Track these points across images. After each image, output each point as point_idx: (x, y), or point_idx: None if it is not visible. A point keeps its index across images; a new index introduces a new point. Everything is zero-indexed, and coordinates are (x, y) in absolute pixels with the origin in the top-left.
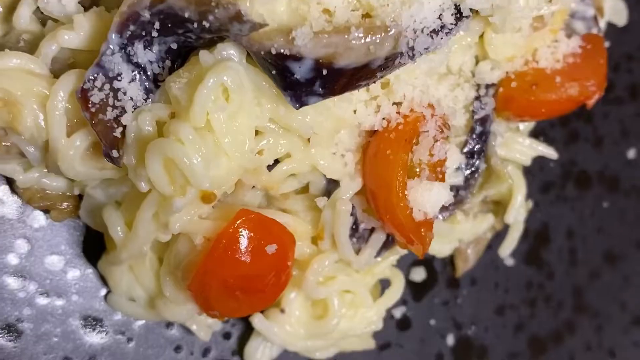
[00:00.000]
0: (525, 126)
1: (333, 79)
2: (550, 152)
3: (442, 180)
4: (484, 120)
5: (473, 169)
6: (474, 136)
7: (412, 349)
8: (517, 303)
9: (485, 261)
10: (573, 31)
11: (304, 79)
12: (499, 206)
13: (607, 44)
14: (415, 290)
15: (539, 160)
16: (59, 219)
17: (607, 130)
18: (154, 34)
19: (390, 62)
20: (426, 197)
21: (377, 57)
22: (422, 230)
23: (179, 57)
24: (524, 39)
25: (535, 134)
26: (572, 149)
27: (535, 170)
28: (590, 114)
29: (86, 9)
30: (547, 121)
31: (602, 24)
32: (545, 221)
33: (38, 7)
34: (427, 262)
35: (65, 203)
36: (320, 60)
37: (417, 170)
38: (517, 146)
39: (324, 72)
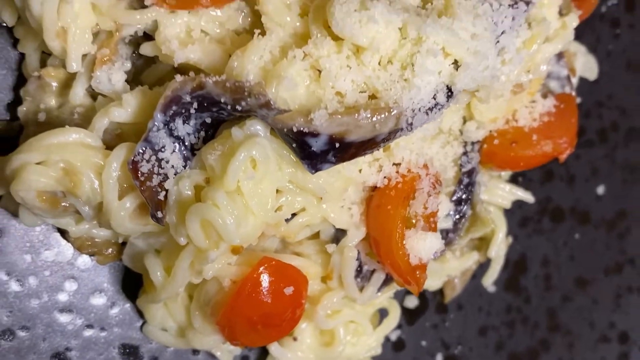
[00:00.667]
0: (507, 172)
1: (344, 150)
2: (527, 197)
3: (435, 229)
4: (470, 173)
5: (460, 215)
6: (462, 186)
7: None
8: (497, 325)
9: (470, 289)
10: (548, 90)
11: (320, 150)
12: (482, 242)
13: (579, 97)
14: (408, 316)
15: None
16: (103, 263)
17: (579, 170)
18: (192, 111)
19: (392, 135)
20: (421, 246)
21: (381, 132)
22: (418, 272)
23: (211, 128)
24: (505, 102)
25: (515, 174)
26: (547, 187)
27: (514, 207)
28: None
29: (129, 83)
30: None
31: (575, 80)
32: (523, 252)
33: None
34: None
35: (110, 249)
36: (334, 136)
37: (414, 221)
38: (499, 191)
39: (337, 145)
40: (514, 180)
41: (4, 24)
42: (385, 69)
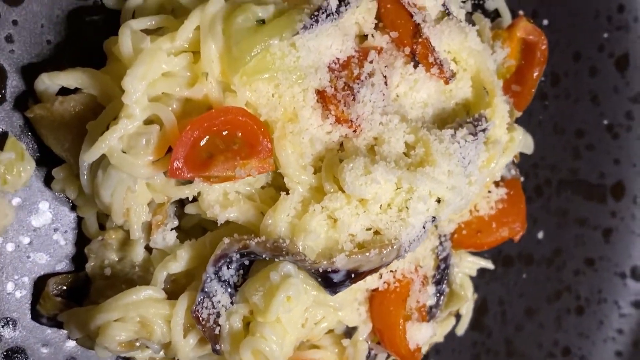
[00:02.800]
0: None
1: (357, 277)
2: (488, 264)
3: (425, 318)
4: (445, 259)
5: (440, 293)
6: (440, 270)
7: None
8: (467, 357)
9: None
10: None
11: (339, 281)
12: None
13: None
14: None
15: None
16: None
17: None
18: (235, 259)
19: (392, 261)
20: (418, 335)
21: (386, 262)
22: (415, 353)
23: (248, 266)
24: None
25: None
26: None
27: None
28: None
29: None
30: None
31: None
32: (484, 297)
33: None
34: None
35: None
36: (350, 270)
37: (410, 314)
38: (466, 263)
39: (352, 275)
40: None
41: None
42: (386, 212)
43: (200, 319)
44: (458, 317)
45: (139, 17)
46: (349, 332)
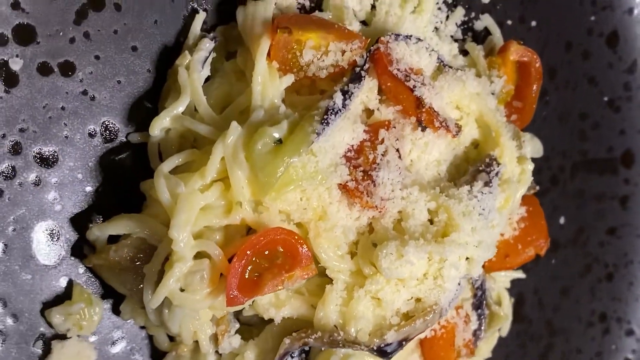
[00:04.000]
0: None
1: (407, 342)
2: (519, 275)
3: (473, 352)
4: (480, 286)
5: (482, 316)
6: (477, 297)
7: None
8: (514, 349)
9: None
10: None
11: (392, 350)
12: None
13: None
14: None
15: None
16: None
17: (544, 212)
18: (297, 351)
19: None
20: None
21: (431, 325)
22: None
23: (308, 351)
24: None
25: None
26: None
27: None
28: None
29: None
30: None
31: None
32: (519, 291)
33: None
34: None
35: None
36: (401, 340)
37: (459, 351)
38: (500, 278)
39: (404, 342)
40: None
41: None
42: (423, 283)
43: None
44: None
45: (163, 149)
46: None
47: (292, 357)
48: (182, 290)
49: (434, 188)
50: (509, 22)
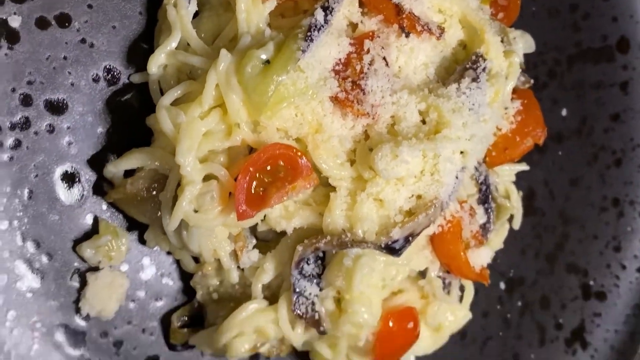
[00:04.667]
0: None
1: (414, 238)
2: (523, 167)
3: (482, 242)
4: (484, 181)
5: (488, 209)
6: (482, 192)
7: (483, 302)
8: (530, 242)
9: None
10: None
11: (400, 246)
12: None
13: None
14: None
15: None
16: (286, 354)
17: (544, 106)
18: (311, 257)
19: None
20: (478, 259)
21: (434, 219)
22: (482, 272)
23: (323, 256)
24: None
25: None
26: None
27: None
28: None
29: (260, 247)
30: None
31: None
32: (528, 185)
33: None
34: None
35: (285, 344)
36: (407, 236)
37: (468, 243)
38: (505, 172)
39: (410, 238)
40: None
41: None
42: (421, 180)
43: (301, 313)
44: (510, 217)
45: (163, 84)
46: (423, 273)
47: (309, 264)
48: (195, 211)
49: (423, 90)
50: None
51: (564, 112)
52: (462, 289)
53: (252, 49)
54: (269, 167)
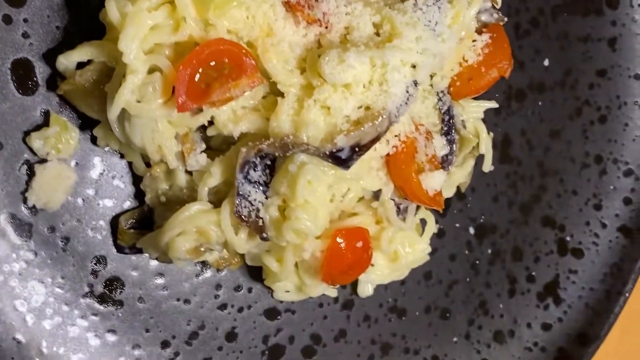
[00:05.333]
0: None
1: (361, 150)
2: (492, 104)
3: (438, 167)
4: (447, 111)
5: (451, 142)
6: (445, 122)
7: (450, 245)
8: (504, 190)
9: (475, 174)
10: (482, 23)
11: (346, 156)
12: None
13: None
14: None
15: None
16: (235, 268)
17: (525, 56)
18: (257, 162)
19: (388, 127)
20: (432, 182)
21: (382, 131)
22: (437, 197)
23: (272, 164)
24: (455, 52)
25: None
26: (505, 79)
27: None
28: (511, 50)
29: (206, 153)
30: None
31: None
32: (505, 132)
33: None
34: None
35: (236, 259)
36: (353, 146)
37: (422, 166)
38: (471, 109)
39: (356, 149)
40: None
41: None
42: (369, 90)
43: (243, 217)
44: (481, 158)
45: None
46: (377, 195)
47: (255, 171)
48: (138, 102)
49: (379, 2)
50: None
51: (546, 62)
52: (424, 223)
53: None
54: (213, 63)
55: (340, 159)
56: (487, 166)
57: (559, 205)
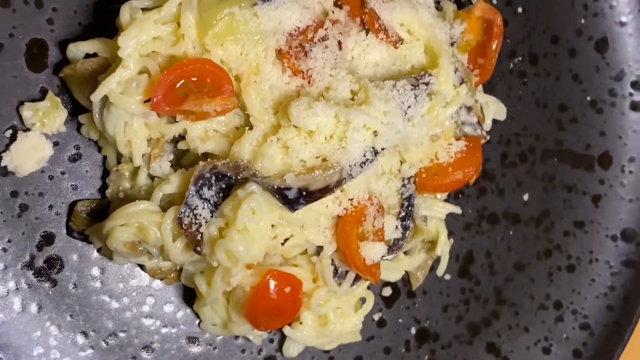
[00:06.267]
0: (443, 194)
1: (309, 195)
2: (456, 209)
3: (382, 240)
4: (409, 198)
5: (405, 227)
6: (404, 208)
7: (388, 339)
8: (456, 303)
9: (431, 279)
10: (464, 134)
11: (294, 197)
12: (432, 244)
13: (499, 131)
14: (386, 302)
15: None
16: (169, 284)
17: (506, 185)
18: (213, 181)
19: (339, 183)
20: (371, 252)
21: (331, 182)
22: (373, 269)
23: (226, 190)
24: (427, 149)
25: (456, 192)
26: (482, 200)
27: (459, 216)
28: (493, 175)
29: (173, 166)
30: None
31: (489, 122)
32: (469, 248)
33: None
34: (393, 283)
35: (172, 274)
36: (301, 188)
37: (366, 235)
38: (435, 208)
39: (304, 193)
40: (456, 196)
41: (92, 139)
42: (329, 142)
43: (183, 225)
44: (438, 262)
45: None
46: (319, 252)
47: (210, 190)
48: (121, 94)
49: (365, 78)
50: (494, 1)
51: (525, 197)
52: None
53: None
54: (195, 79)
55: (287, 198)
56: (442, 270)
57: (508, 337)
